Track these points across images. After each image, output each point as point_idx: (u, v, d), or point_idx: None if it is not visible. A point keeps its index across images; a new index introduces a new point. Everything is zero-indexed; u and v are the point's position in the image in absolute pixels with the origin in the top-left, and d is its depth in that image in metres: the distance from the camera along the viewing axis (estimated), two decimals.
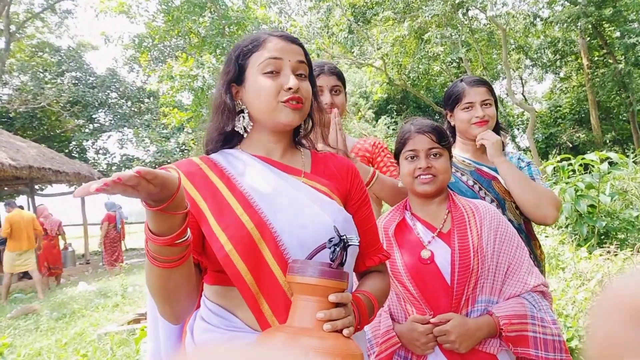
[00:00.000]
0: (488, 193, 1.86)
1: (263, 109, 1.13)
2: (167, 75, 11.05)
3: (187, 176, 1.10)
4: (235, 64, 1.17)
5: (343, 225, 1.11)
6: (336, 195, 1.18)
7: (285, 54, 1.14)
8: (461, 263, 1.40)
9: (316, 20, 16.96)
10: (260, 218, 1.05)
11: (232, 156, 1.19)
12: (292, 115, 1.13)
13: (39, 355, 4.29)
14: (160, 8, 13.15)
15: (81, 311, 6.18)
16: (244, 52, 1.16)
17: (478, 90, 1.88)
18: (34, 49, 19.57)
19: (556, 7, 17.32)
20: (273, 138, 1.19)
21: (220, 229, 1.03)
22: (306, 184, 1.16)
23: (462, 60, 16.07)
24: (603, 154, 4.89)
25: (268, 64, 1.12)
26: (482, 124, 1.86)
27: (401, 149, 1.57)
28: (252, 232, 1.03)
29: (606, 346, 0.34)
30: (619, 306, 0.34)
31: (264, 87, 1.12)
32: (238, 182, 1.11)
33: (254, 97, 1.14)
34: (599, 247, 4.54)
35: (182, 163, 1.15)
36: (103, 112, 20.62)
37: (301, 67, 1.17)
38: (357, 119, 17.76)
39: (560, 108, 20.99)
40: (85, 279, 9.87)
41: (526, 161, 1.91)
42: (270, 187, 1.12)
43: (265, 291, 1.03)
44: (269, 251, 1.03)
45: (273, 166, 1.17)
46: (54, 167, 11.28)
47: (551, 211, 1.74)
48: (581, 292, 3.40)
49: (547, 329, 1.37)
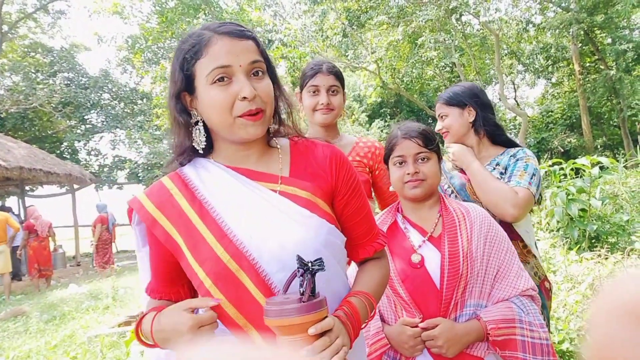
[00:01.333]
0: (459, 195, 1.88)
1: (219, 124, 1.04)
2: (161, 76, 11.03)
3: (159, 208, 1.06)
4: (180, 72, 1.04)
5: (326, 238, 1.07)
6: (319, 198, 1.10)
7: (234, 58, 1.00)
8: (450, 268, 1.41)
9: (311, 23, 16.97)
10: (236, 248, 1.01)
11: (204, 169, 1.11)
12: (252, 129, 1.03)
13: (28, 358, 4.25)
14: (154, 9, 13.13)
15: (71, 313, 6.12)
16: (187, 60, 1.03)
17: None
18: (26, 49, 19.43)
19: (549, 14, 17.48)
20: (242, 147, 1.10)
21: (198, 265, 1.02)
22: (284, 194, 1.07)
23: (455, 65, 16.15)
24: (594, 158, 4.93)
25: (216, 73, 1.00)
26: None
27: (389, 154, 1.57)
28: (229, 264, 1.00)
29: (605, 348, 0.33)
30: (618, 308, 0.34)
31: (215, 101, 1.00)
32: (210, 207, 1.05)
33: (208, 111, 1.04)
34: (589, 250, 4.57)
35: (153, 192, 1.10)
36: (95, 113, 20.51)
37: (256, 66, 1.03)
38: (350, 122, 17.79)
39: (552, 113, 21.15)
40: (76, 281, 9.78)
41: (518, 157, 1.87)
42: (245, 206, 1.05)
43: (251, 320, 1.02)
44: (250, 281, 1.00)
45: (248, 177, 1.09)
46: (45, 168, 11.20)
47: (508, 209, 1.71)
48: (572, 295, 3.42)
49: (535, 333, 1.38)
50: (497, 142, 1.97)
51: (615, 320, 0.33)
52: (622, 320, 0.33)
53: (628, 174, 6.97)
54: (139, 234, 1.17)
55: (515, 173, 1.81)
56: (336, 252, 1.12)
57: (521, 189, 1.75)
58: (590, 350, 0.34)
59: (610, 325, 0.34)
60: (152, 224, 1.06)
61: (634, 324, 0.32)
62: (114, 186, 20.93)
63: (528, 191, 1.75)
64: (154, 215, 1.06)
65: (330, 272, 1.08)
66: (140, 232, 1.16)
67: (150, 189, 1.12)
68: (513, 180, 1.78)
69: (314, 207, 1.08)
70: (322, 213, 1.09)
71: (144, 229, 1.14)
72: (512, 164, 1.85)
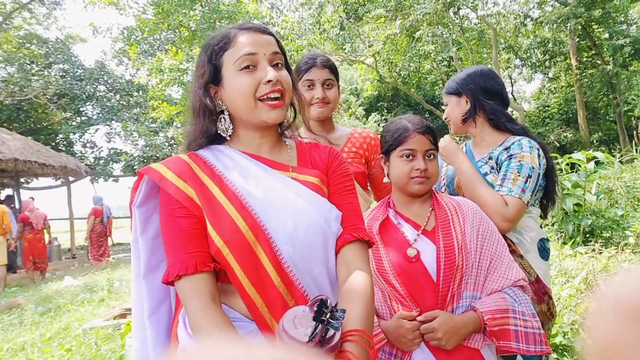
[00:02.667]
0: (447, 189, 1.87)
1: (243, 108, 1.12)
2: (157, 68, 10.95)
3: (180, 177, 1.08)
4: (209, 64, 1.14)
5: (336, 225, 1.13)
6: (324, 185, 1.18)
7: (259, 47, 1.11)
8: (446, 260, 1.41)
9: (308, 16, 16.90)
10: (254, 220, 1.05)
11: (221, 153, 1.17)
12: (273, 113, 1.11)
13: (23, 350, 4.24)
14: (150, 0, 13.01)
15: (66, 306, 6.11)
16: (216, 51, 1.13)
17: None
18: (21, 40, 19.25)
19: (546, 8, 17.48)
20: (259, 134, 1.18)
21: (216, 232, 1.04)
22: (295, 179, 1.16)
23: (452, 59, 16.14)
24: (590, 153, 4.93)
25: (243, 60, 1.10)
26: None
27: (397, 146, 1.52)
28: (246, 235, 1.03)
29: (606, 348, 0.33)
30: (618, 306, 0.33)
31: (242, 85, 1.10)
32: (229, 182, 1.10)
33: (233, 97, 1.12)
34: (584, 245, 4.59)
35: (171, 163, 1.12)
36: (91, 105, 20.37)
37: (277, 57, 1.14)
38: (347, 116, 17.77)
39: (549, 108, 21.20)
40: (71, 273, 9.77)
41: (511, 153, 1.74)
42: (261, 186, 1.11)
43: (262, 293, 1.03)
44: (265, 255, 1.04)
45: (262, 163, 1.16)
46: (40, 160, 11.14)
47: (496, 221, 1.60)
48: (566, 289, 3.44)
49: (527, 322, 1.39)
50: (499, 128, 1.86)
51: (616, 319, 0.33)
52: (623, 319, 0.32)
53: (623, 169, 7.00)
54: (139, 218, 1.14)
55: (508, 176, 1.68)
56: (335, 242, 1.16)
57: (512, 199, 1.64)
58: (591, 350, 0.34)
59: (611, 324, 0.33)
60: (175, 190, 1.06)
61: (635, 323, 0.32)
62: (110, 179, 20.82)
63: (519, 201, 1.64)
64: (175, 183, 1.07)
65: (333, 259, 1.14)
66: (140, 215, 1.14)
67: (166, 161, 1.13)
68: (505, 187, 1.67)
69: (323, 193, 1.17)
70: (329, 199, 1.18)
71: (145, 213, 1.14)
72: (506, 162, 1.72)
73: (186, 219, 1.06)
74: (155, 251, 1.16)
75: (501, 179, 1.70)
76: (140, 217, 1.14)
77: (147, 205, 1.15)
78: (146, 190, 1.14)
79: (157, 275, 1.16)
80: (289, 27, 13.25)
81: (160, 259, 1.17)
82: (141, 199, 1.13)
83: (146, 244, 1.15)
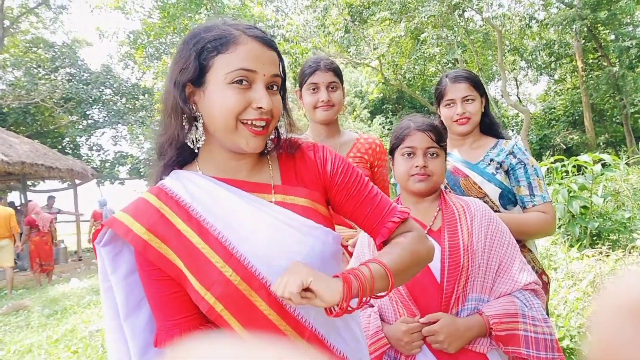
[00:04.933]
0: (452, 191, 1.87)
1: (221, 126, 0.96)
2: (163, 71, 11.02)
3: (151, 230, 0.94)
4: (196, 61, 0.95)
5: (333, 247, 1.03)
6: (317, 203, 1.05)
7: (260, 65, 0.95)
8: (451, 261, 1.39)
9: (313, 19, 16.92)
10: (245, 269, 0.94)
11: (192, 183, 1.01)
12: (253, 142, 0.96)
13: (30, 352, 4.26)
14: (156, 4, 13.10)
15: (73, 308, 6.13)
16: (208, 49, 0.95)
17: (459, 87, 1.87)
18: (28, 44, 19.43)
19: (552, 10, 17.42)
20: (236, 156, 1.03)
21: (205, 289, 0.93)
22: (282, 204, 1.02)
23: (457, 62, 16.11)
24: (596, 155, 4.92)
25: (238, 75, 0.94)
26: (463, 122, 1.87)
27: (398, 144, 1.53)
28: (239, 286, 0.93)
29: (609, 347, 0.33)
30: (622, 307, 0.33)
31: (228, 101, 0.94)
32: (209, 225, 0.96)
33: (213, 110, 0.95)
34: (591, 247, 4.56)
35: (138, 212, 0.96)
36: (97, 109, 20.51)
37: (275, 80, 0.99)
38: (352, 119, 17.77)
39: (555, 110, 21.11)
40: (77, 275, 9.81)
41: (519, 158, 1.83)
42: (246, 222, 0.98)
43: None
44: (263, 301, 0.95)
45: (241, 189, 1.01)
46: (47, 163, 11.22)
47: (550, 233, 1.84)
48: (573, 292, 3.41)
49: (538, 328, 1.35)
50: (486, 133, 1.96)
51: (619, 319, 0.33)
52: (626, 319, 0.33)
53: (630, 171, 6.95)
54: (107, 256, 0.99)
55: (533, 184, 1.81)
56: (339, 258, 1.09)
57: (547, 205, 1.80)
58: (594, 349, 0.34)
59: (614, 324, 0.33)
60: (145, 249, 0.92)
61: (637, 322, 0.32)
62: (116, 181, 20.96)
63: (550, 204, 1.81)
64: (145, 239, 0.93)
65: None
66: (107, 253, 0.99)
67: (132, 209, 0.97)
68: (537, 195, 1.80)
69: (317, 216, 1.04)
70: (326, 222, 1.05)
71: (112, 250, 0.99)
72: (518, 168, 1.82)
73: (164, 282, 0.95)
74: (132, 289, 1.01)
75: (528, 187, 1.82)
76: (108, 255, 0.99)
77: (115, 242, 0.99)
78: (111, 235, 0.99)
79: (140, 315, 1.02)
80: (294, 30, 13.28)
81: (139, 296, 1.02)
82: (107, 238, 0.98)
83: (119, 283, 1.00)
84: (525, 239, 1.84)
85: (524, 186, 1.81)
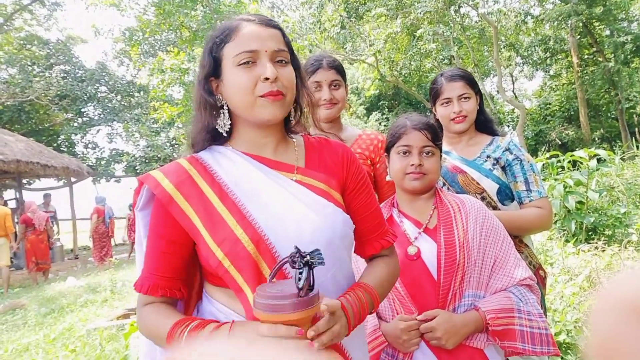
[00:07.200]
0: (451, 188, 1.88)
1: (241, 104, 1.07)
2: (158, 68, 10.97)
3: (177, 187, 1.05)
4: (209, 56, 1.09)
5: (342, 229, 1.10)
6: (334, 190, 1.13)
7: (261, 43, 1.05)
8: (447, 258, 1.41)
9: (308, 15, 16.88)
10: (255, 231, 1.01)
11: (222, 155, 1.13)
12: (272, 109, 1.05)
13: (27, 351, 4.25)
14: (151, 1, 13.02)
15: (70, 306, 6.13)
16: (217, 44, 1.08)
17: (455, 85, 1.89)
18: (22, 41, 19.26)
19: (547, 5, 17.44)
20: (261, 133, 1.13)
21: (216, 245, 1.01)
22: (301, 183, 1.11)
23: (453, 57, 16.11)
24: (591, 151, 4.92)
25: (243, 56, 1.04)
26: (460, 120, 1.89)
27: (394, 142, 1.55)
28: (248, 246, 1.00)
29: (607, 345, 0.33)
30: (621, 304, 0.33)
31: (239, 81, 1.04)
32: (230, 190, 1.06)
33: (231, 92, 1.07)
34: (586, 242, 4.58)
35: (169, 170, 1.08)
36: (92, 106, 20.40)
37: (281, 54, 1.08)
38: (348, 115, 17.75)
39: (550, 105, 21.15)
40: (74, 274, 9.78)
41: (515, 154, 1.87)
42: (264, 192, 1.07)
43: None
44: (266, 265, 1.01)
45: (265, 165, 1.12)
46: (42, 161, 11.17)
47: (547, 227, 1.88)
48: (569, 287, 3.43)
49: (533, 322, 1.37)
50: (481, 130, 2.00)
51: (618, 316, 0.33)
52: (625, 316, 0.33)
53: (625, 166, 6.99)
54: (142, 220, 1.13)
55: (529, 179, 1.84)
56: (348, 244, 1.15)
57: (543, 200, 1.83)
58: (592, 347, 0.34)
59: (612, 321, 0.33)
60: (169, 202, 1.03)
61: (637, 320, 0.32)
62: (112, 179, 20.86)
63: (546, 199, 1.84)
64: (171, 194, 1.04)
65: (341, 264, 1.11)
66: (143, 218, 1.12)
67: (166, 168, 1.09)
68: (534, 191, 1.83)
69: (330, 197, 1.12)
70: (337, 203, 1.12)
71: (147, 215, 1.11)
72: (515, 164, 1.85)
73: (167, 243, 1.06)
74: None
75: (525, 183, 1.84)
76: (143, 219, 1.13)
77: (150, 208, 1.12)
78: (147, 195, 1.11)
79: None
80: (290, 27, 13.24)
81: None
82: (143, 202, 1.11)
83: None
84: (523, 235, 1.85)
85: (520, 182, 1.84)
